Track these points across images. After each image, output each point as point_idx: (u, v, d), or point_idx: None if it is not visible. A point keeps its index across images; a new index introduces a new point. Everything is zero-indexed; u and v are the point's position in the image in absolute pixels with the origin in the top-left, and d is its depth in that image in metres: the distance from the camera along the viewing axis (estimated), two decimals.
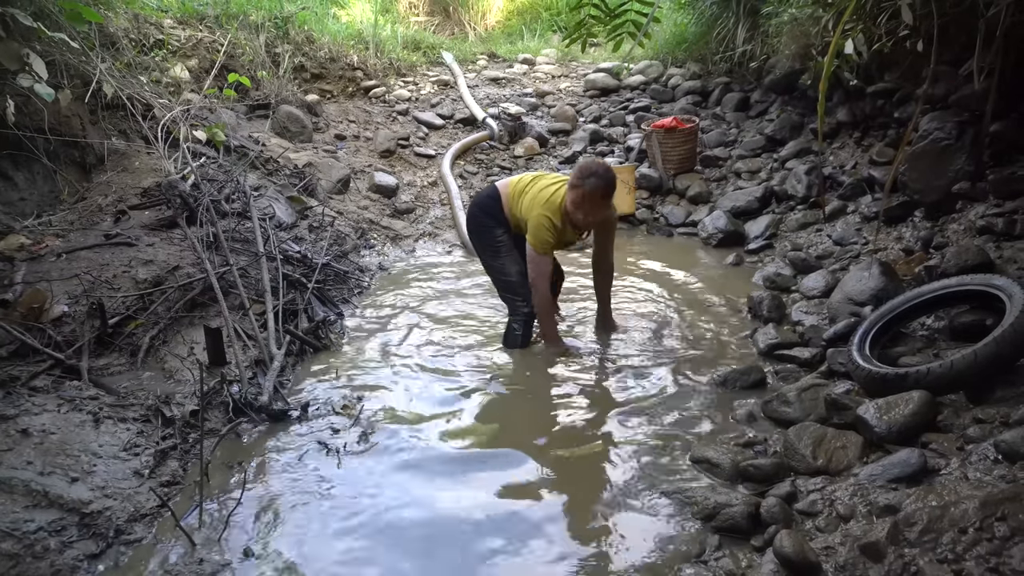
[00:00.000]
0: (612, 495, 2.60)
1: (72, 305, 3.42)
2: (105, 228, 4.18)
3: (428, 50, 9.23)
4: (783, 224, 5.41)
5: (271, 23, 7.39)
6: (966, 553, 1.90)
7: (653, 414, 3.14)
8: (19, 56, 3.91)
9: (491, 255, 3.87)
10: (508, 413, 3.29)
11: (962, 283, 3.11)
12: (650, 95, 7.95)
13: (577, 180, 3.45)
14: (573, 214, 3.53)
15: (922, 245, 4.07)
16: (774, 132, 6.37)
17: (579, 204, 3.48)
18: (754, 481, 2.58)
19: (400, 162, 7.10)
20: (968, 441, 2.44)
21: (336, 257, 4.98)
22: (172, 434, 2.90)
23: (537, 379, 3.57)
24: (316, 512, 2.56)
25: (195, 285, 3.80)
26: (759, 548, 2.25)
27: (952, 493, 2.07)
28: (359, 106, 7.77)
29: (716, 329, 4.02)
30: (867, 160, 5.14)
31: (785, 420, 2.93)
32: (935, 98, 4.40)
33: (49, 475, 2.47)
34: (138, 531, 2.42)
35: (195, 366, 3.28)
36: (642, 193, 6.47)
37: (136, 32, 6.17)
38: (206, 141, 5.30)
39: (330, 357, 3.84)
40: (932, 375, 2.69)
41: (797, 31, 5.36)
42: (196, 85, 6.20)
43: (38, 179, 4.46)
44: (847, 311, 3.63)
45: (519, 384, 3.55)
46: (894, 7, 3.76)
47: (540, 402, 3.35)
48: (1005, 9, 3.47)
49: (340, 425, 3.12)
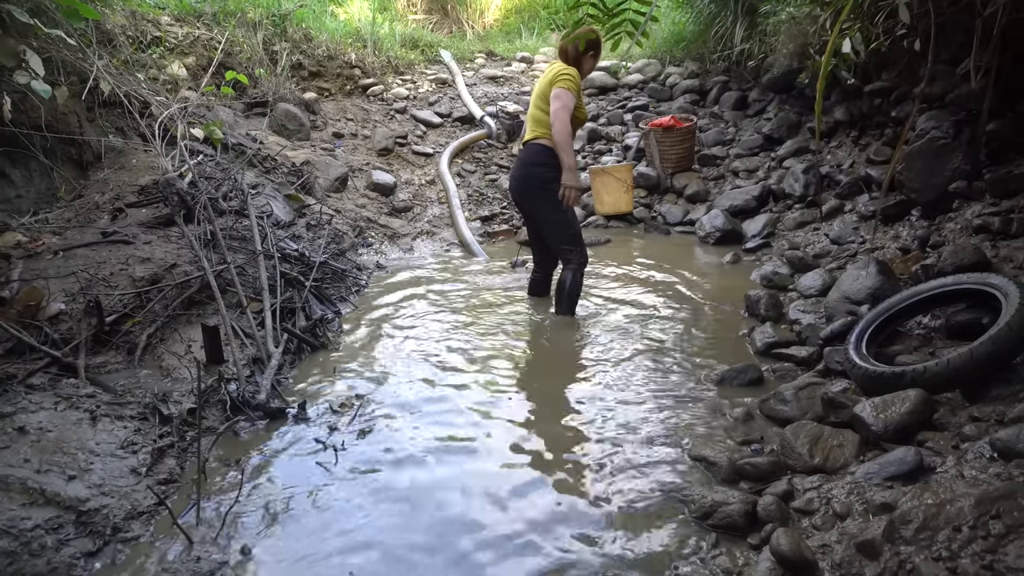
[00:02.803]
0: (609, 493, 2.60)
1: (69, 303, 3.41)
2: (102, 226, 4.18)
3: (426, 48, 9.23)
4: (780, 223, 5.42)
5: (269, 21, 7.39)
6: (961, 551, 1.90)
7: (650, 412, 3.15)
8: (16, 53, 3.90)
9: (553, 209, 4.12)
10: (505, 411, 3.29)
11: (958, 282, 3.11)
12: (648, 94, 7.97)
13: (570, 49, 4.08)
14: (583, 68, 4.12)
15: (919, 244, 4.08)
16: (772, 131, 6.38)
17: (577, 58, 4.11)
18: (751, 479, 2.58)
19: (398, 160, 7.10)
20: (964, 439, 2.44)
21: (334, 255, 4.97)
22: (169, 432, 2.90)
23: (535, 379, 3.57)
24: (314, 510, 2.56)
25: (192, 283, 3.80)
26: (756, 546, 2.25)
27: (948, 491, 2.08)
28: (357, 104, 7.76)
29: (713, 327, 4.03)
30: (864, 159, 5.15)
31: (782, 418, 2.94)
32: (932, 97, 4.41)
33: (46, 473, 2.47)
34: (135, 529, 2.42)
35: (192, 364, 3.28)
36: (640, 192, 6.47)
37: (133, 29, 6.16)
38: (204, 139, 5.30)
39: (328, 355, 3.84)
40: (928, 374, 2.70)
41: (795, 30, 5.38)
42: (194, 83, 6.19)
43: (35, 176, 4.45)
44: (844, 310, 3.63)
45: (517, 383, 3.55)
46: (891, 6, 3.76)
47: (537, 401, 3.35)
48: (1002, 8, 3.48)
49: (338, 423, 3.12)
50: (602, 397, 3.31)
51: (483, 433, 3.10)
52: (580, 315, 4.29)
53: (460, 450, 2.98)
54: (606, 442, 2.93)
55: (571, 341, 3.93)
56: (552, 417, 3.18)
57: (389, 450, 2.92)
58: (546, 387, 3.46)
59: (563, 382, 3.49)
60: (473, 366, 3.70)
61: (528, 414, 3.24)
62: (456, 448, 2.99)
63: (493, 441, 3.03)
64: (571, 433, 3.03)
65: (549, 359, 3.74)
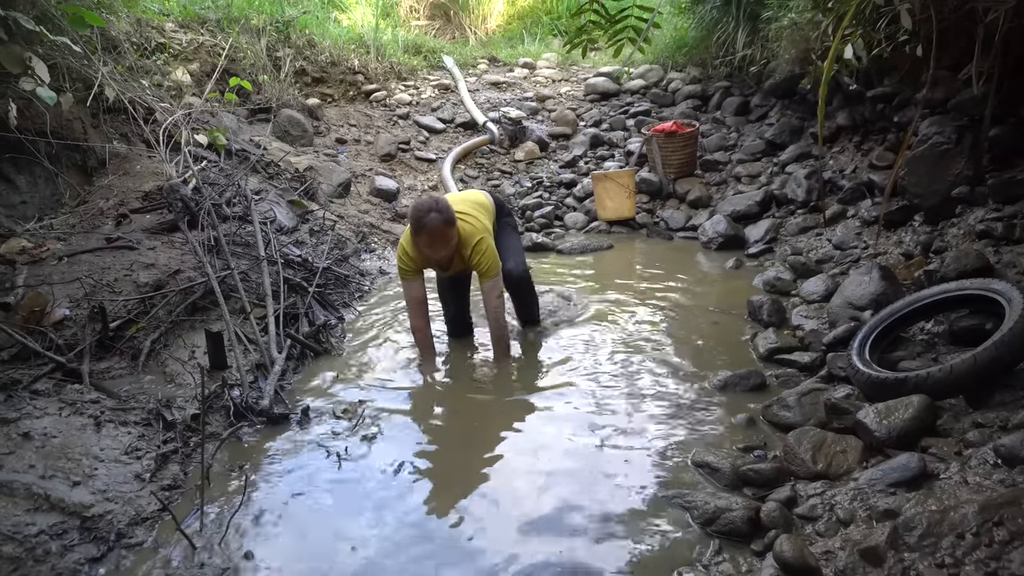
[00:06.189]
0: (612, 499, 2.60)
1: (73, 308, 3.42)
2: (106, 231, 4.19)
3: (429, 54, 9.25)
4: (783, 228, 5.42)
5: (272, 27, 7.41)
6: (965, 557, 1.90)
7: (653, 418, 3.14)
8: (22, 60, 3.92)
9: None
10: (507, 416, 3.29)
11: (961, 287, 3.11)
12: (650, 99, 7.98)
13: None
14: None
15: (922, 249, 4.08)
16: (774, 136, 6.38)
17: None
18: (754, 485, 2.58)
19: (401, 166, 7.11)
20: (967, 445, 2.44)
21: (337, 261, 4.98)
22: (173, 438, 2.90)
23: (536, 382, 3.57)
24: (317, 516, 2.56)
25: (196, 289, 3.81)
26: (759, 553, 2.25)
27: (951, 497, 2.08)
28: (360, 110, 7.79)
29: (716, 333, 4.03)
30: (867, 164, 5.15)
31: (785, 424, 2.94)
32: (934, 102, 4.42)
33: (50, 479, 2.47)
34: (139, 535, 2.42)
35: (196, 370, 3.28)
36: (642, 197, 6.48)
37: (138, 36, 6.19)
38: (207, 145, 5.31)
39: (331, 361, 3.84)
40: (932, 379, 2.70)
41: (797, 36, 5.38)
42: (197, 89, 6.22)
43: (40, 182, 4.47)
44: (847, 315, 3.63)
45: (518, 387, 3.55)
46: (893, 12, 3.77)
47: (539, 406, 3.35)
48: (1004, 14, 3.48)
49: (340, 429, 3.13)
50: (604, 402, 3.31)
51: (485, 439, 3.10)
52: (580, 319, 4.29)
53: (462, 456, 2.98)
54: (608, 448, 2.92)
55: (572, 347, 3.93)
56: (554, 423, 3.18)
57: (392, 456, 2.93)
58: (547, 393, 3.46)
59: (564, 387, 3.49)
60: (475, 371, 3.70)
61: (529, 419, 3.24)
62: (458, 454, 2.99)
63: (495, 447, 3.03)
64: (573, 438, 3.03)
65: (550, 365, 3.74)
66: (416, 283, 3.60)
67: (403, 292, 3.72)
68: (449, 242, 3.38)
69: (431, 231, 3.30)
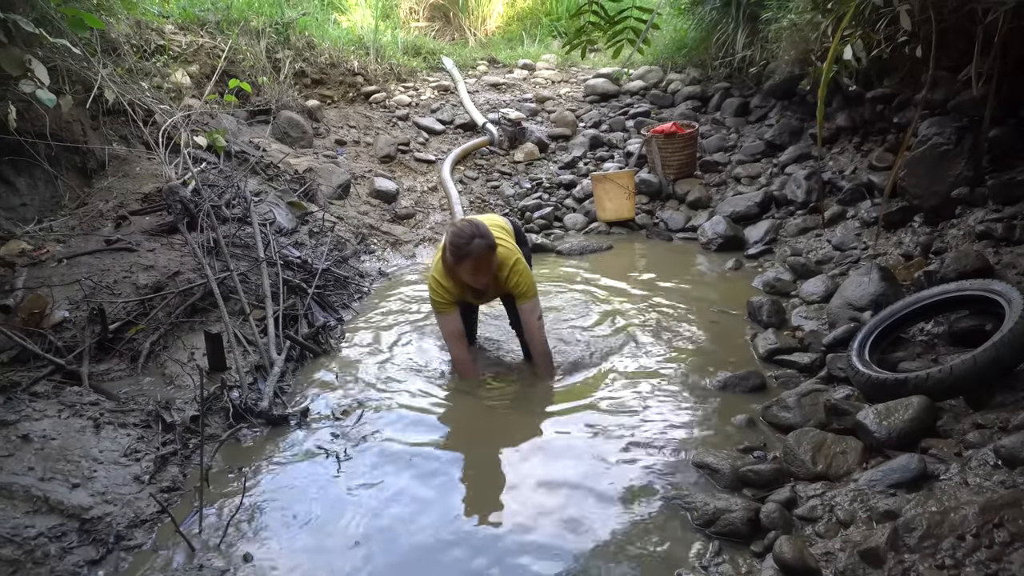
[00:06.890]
0: (611, 500, 2.59)
1: (73, 310, 3.42)
2: (106, 233, 4.19)
3: (428, 55, 9.25)
4: (783, 229, 5.42)
5: (272, 29, 7.41)
6: (966, 559, 1.90)
7: (652, 418, 3.14)
8: (21, 62, 3.92)
9: None
10: (507, 418, 3.29)
11: (961, 288, 3.11)
12: (650, 100, 7.98)
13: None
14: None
15: (921, 250, 4.08)
16: (774, 137, 6.38)
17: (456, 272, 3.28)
18: (754, 486, 2.57)
19: (400, 167, 7.11)
20: (968, 446, 2.44)
21: (336, 262, 4.98)
22: (172, 440, 2.90)
23: (535, 386, 3.57)
24: (316, 517, 2.56)
25: (195, 290, 3.81)
26: (759, 554, 2.25)
27: (952, 499, 2.07)
28: (359, 111, 7.79)
29: (716, 334, 4.02)
30: (866, 165, 5.15)
31: (785, 425, 2.93)
32: (934, 103, 4.42)
33: (49, 481, 2.47)
34: (138, 537, 2.42)
35: (195, 371, 3.28)
36: (642, 198, 6.48)
37: (138, 38, 6.19)
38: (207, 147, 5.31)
39: (330, 362, 3.84)
40: (931, 380, 2.70)
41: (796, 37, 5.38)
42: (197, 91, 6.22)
43: (39, 184, 4.47)
44: (847, 316, 3.63)
45: (518, 391, 3.55)
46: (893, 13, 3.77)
47: (539, 408, 3.35)
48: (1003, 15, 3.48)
49: (340, 430, 3.13)
50: (604, 403, 3.30)
51: (485, 440, 3.10)
52: (581, 322, 4.28)
53: (462, 457, 2.98)
54: (608, 448, 2.92)
55: (572, 348, 3.92)
56: (553, 424, 3.18)
57: (391, 457, 2.93)
58: (548, 394, 3.46)
59: (564, 389, 3.49)
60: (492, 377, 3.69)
61: (529, 420, 3.24)
62: (458, 455, 2.99)
63: (495, 448, 3.03)
64: (572, 439, 3.03)
65: (547, 368, 3.73)
66: (453, 316, 3.45)
67: (439, 327, 3.57)
68: (492, 268, 3.26)
69: (477, 257, 3.16)
